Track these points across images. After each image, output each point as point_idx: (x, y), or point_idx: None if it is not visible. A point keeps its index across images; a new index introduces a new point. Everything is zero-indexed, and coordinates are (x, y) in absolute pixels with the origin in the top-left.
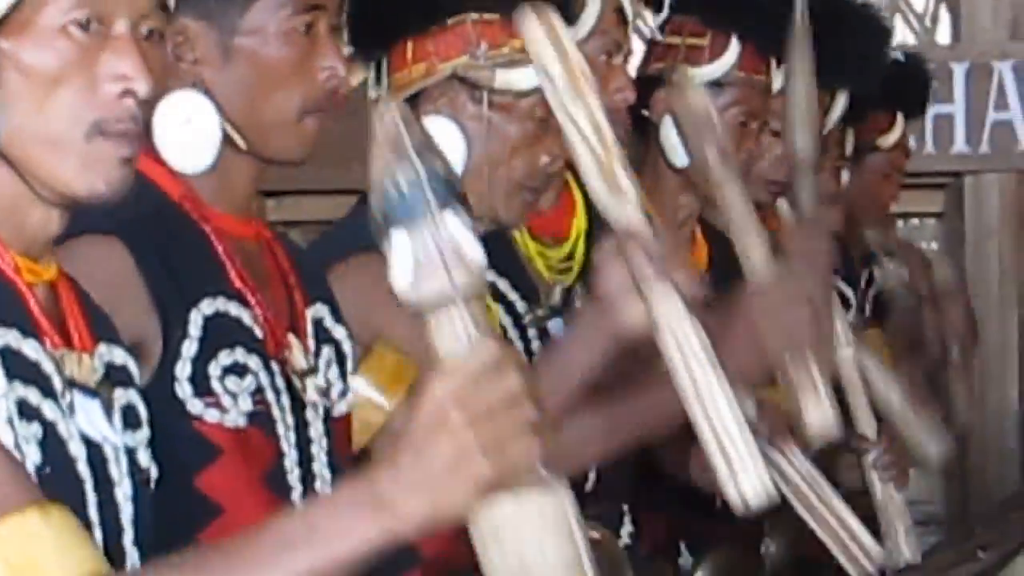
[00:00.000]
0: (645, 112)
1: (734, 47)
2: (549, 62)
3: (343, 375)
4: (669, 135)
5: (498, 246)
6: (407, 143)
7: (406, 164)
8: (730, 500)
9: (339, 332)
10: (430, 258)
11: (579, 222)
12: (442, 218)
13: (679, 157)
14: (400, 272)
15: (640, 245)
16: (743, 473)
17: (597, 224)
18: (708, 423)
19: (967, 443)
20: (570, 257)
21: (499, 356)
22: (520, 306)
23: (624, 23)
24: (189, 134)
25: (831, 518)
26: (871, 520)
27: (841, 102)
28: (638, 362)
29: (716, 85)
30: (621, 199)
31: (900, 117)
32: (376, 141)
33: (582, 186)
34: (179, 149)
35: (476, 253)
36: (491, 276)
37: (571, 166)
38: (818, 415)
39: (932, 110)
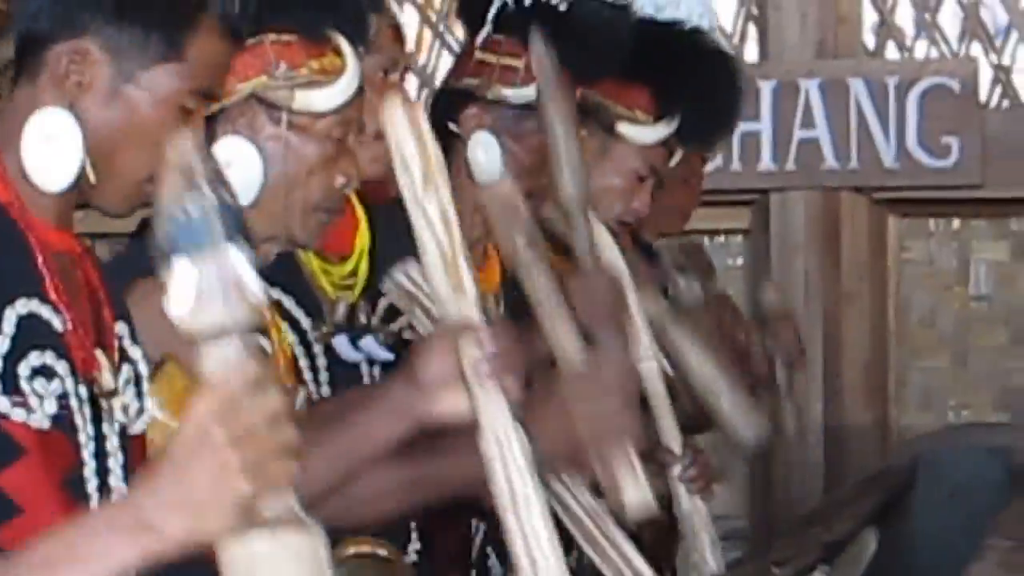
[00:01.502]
0: (452, 125)
1: None
2: (407, 150)
3: (140, 394)
4: (476, 152)
5: (283, 263)
6: (199, 173)
7: (196, 193)
8: None
9: (136, 352)
10: (211, 289)
11: (362, 239)
12: (226, 250)
13: (485, 175)
14: (179, 299)
15: (476, 341)
16: None
17: (379, 241)
18: (520, 531)
19: (772, 458)
20: (353, 274)
21: (261, 378)
22: (305, 323)
23: (400, 40)
24: (51, 152)
25: (613, 552)
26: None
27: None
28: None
29: (528, 108)
30: (461, 296)
31: None
32: (168, 168)
33: (365, 203)
34: (41, 165)
35: (256, 288)
36: (276, 293)
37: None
38: (636, 496)
39: (739, 127)
